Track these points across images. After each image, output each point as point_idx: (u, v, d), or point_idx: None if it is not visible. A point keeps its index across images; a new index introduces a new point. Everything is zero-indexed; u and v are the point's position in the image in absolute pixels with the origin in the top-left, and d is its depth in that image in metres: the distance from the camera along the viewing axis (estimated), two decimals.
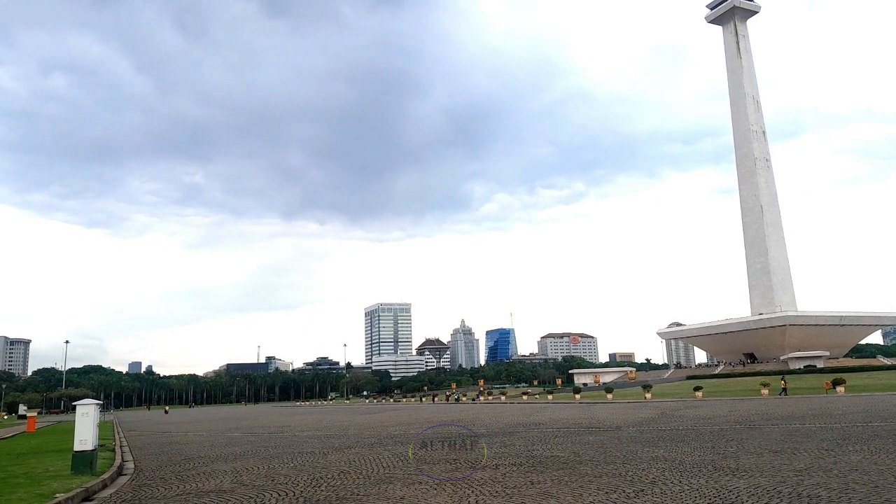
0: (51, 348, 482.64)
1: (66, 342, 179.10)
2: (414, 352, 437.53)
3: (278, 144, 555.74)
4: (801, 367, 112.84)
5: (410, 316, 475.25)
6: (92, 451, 19.55)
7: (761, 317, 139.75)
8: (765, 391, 60.01)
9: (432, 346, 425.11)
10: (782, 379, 62.93)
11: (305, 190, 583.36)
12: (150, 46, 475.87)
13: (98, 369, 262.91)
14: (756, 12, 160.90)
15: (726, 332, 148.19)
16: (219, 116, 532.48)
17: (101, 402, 24.76)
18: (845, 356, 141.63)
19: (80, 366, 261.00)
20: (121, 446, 31.92)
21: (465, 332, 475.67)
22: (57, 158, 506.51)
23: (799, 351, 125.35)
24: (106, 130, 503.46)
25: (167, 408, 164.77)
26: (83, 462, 19.27)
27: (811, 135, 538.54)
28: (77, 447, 19.36)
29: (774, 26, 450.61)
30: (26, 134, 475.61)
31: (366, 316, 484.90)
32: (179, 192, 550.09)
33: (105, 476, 18.65)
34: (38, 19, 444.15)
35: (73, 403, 21.39)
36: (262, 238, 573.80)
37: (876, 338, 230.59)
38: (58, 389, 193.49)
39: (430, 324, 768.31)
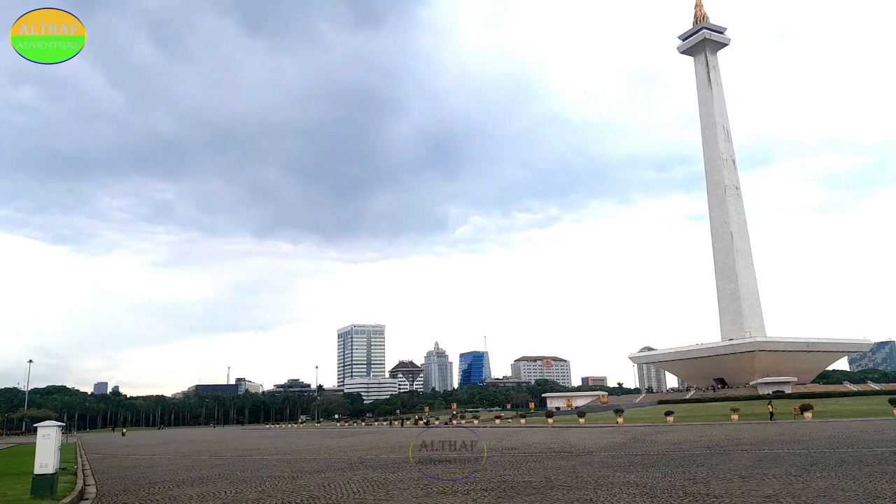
0: (13, 367, 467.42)
1: (30, 361, 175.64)
2: (387, 374, 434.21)
3: (253, 162, 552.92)
4: (770, 392, 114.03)
5: (384, 338, 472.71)
6: (53, 474, 19.05)
7: (731, 342, 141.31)
8: (734, 416, 60.53)
9: (405, 369, 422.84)
10: (769, 403, 63.65)
11: (279, 209, 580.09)
12: (125, 60, 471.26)
13: (62, 390, 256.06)
14: (726, 44, 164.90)
15: (697, 358, 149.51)
16: (193, 133, 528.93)
17: (63, 424, 24.18)
18: (812, 382, 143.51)
19: (44, 386, 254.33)
20: (83, 470, 31.11)
21: (438, 355, 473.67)
22: (24, 172, 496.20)
23: (768, 376, 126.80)
24: (76, 144, 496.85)
25: (124, 430, 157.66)
26: (43, 486, 18.75)
27: (780, 163, 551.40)
28: (37, 470, 18.86)
29: (747, 56, 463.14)
30: None
31: (338, 337, 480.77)
32: (150, 209, 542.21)
33: (66, 501, 18.18)
34: (8, 28, 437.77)
35: (35, 425, 20.87)
36: (233, 257, 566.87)
37: (842, 364, 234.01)
38: (20, 410, 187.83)
39: (403, 346, 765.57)
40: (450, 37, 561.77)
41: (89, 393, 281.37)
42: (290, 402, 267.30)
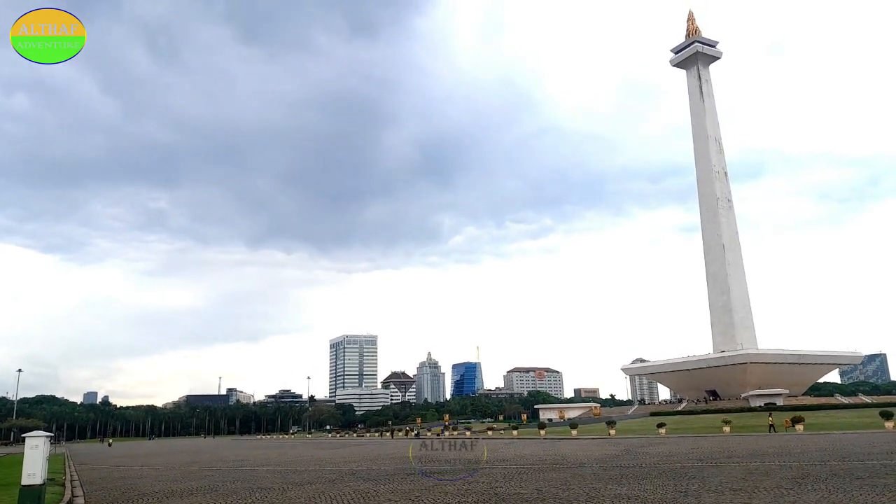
0: (1, 376, 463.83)
1: (19, 370, 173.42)
2: (379, 385, 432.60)
3: (247, 171, 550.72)
4: (762, 404, 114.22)
5: (376, 348, 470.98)
6: (40, 485, 18.86)
7: (723, 354, 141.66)
8: (726, 428, 60.54)
9: (398, 380, 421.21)
10: (769, 415, 63.65)
11: (273, 218, 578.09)
12: (120, 68, 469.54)
13: (51, 399, 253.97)
14: (718, 58, 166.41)
15: (689, 370, 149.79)
16: (187, 141, 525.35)
17: (52, 434, 23.99)
18: (804, 394, 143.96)
19: (33, 395, 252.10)
20: (71, 480, 30.86)
21: (431, 366, 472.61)
22: (16, 179, 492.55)
23: (759, 388, 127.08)
24: (69, 152, 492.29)
25: (111, 440, 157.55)
26: (30, 497, 18.57)
27: (772, 176, 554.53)
28: (25, 481, 18.68)
29: (740, 69, 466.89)
30: None
31: (331, 348, 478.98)
32: (143, 218, 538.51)
33: None
34: (2, 36, 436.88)
35: (23, 435, 20.71)
36: (226, 266, 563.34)
37: (833, 376, 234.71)
38: (8, 419, 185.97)
39: (396, 356, 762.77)
40: (445, 47, 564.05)
41: (79, 403, 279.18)
42: (282, 413, 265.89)
